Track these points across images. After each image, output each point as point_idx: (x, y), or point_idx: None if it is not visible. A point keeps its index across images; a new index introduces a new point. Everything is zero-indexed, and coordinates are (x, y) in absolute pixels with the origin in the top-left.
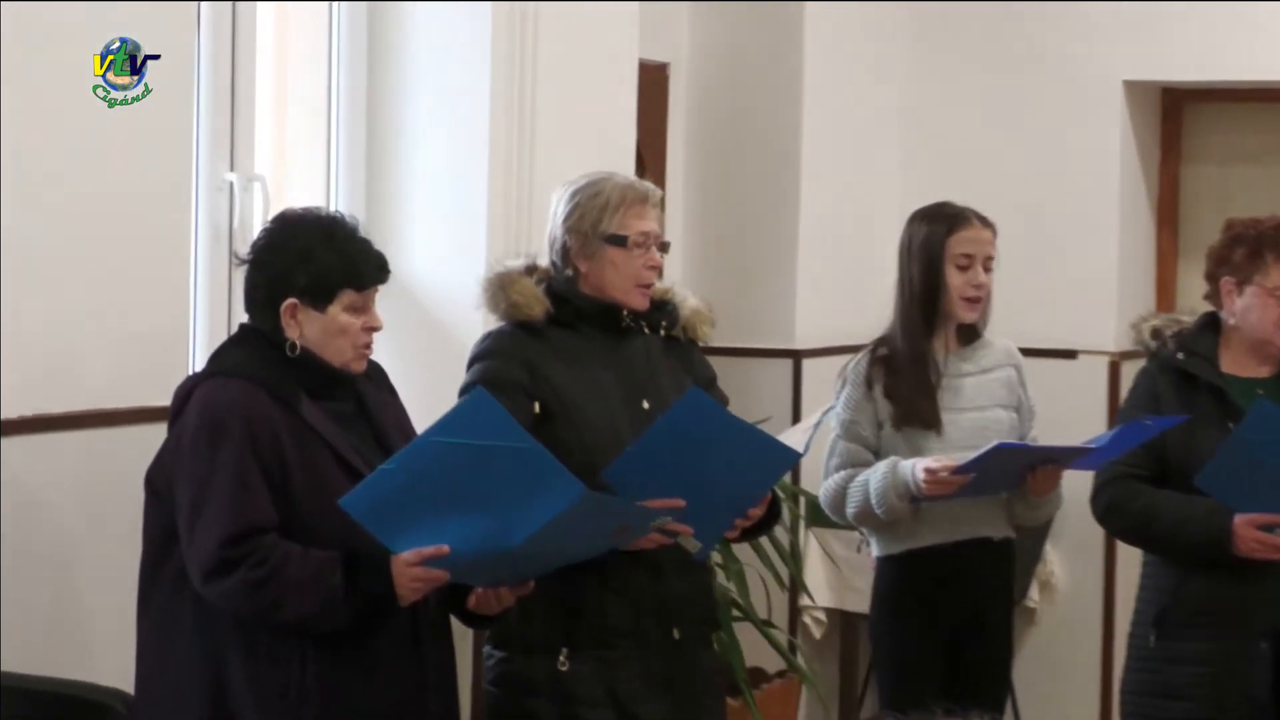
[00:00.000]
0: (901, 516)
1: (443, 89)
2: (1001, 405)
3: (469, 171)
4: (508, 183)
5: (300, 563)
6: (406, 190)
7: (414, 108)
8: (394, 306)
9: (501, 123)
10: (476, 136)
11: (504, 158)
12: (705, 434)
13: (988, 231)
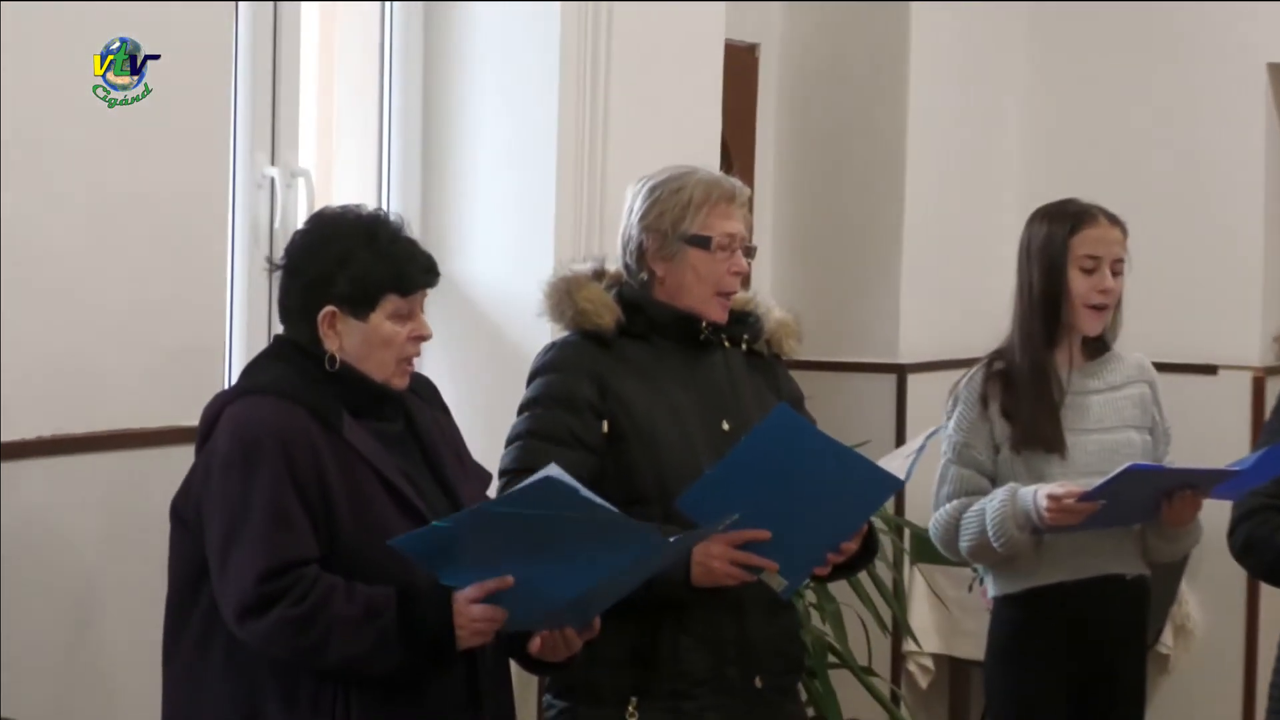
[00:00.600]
0: (1022, 551)
1: (506, 74)
2: (1133, 426)
3: (535, 165)
4: (578, 178)
5: (347, 598)
6: (466, 186)
7: (475, 94)
8: (450, 315)
9: (571, 111)
10: (543, 127)
11: (574, 150)
12: (794, 457)
13: (1116, 230)
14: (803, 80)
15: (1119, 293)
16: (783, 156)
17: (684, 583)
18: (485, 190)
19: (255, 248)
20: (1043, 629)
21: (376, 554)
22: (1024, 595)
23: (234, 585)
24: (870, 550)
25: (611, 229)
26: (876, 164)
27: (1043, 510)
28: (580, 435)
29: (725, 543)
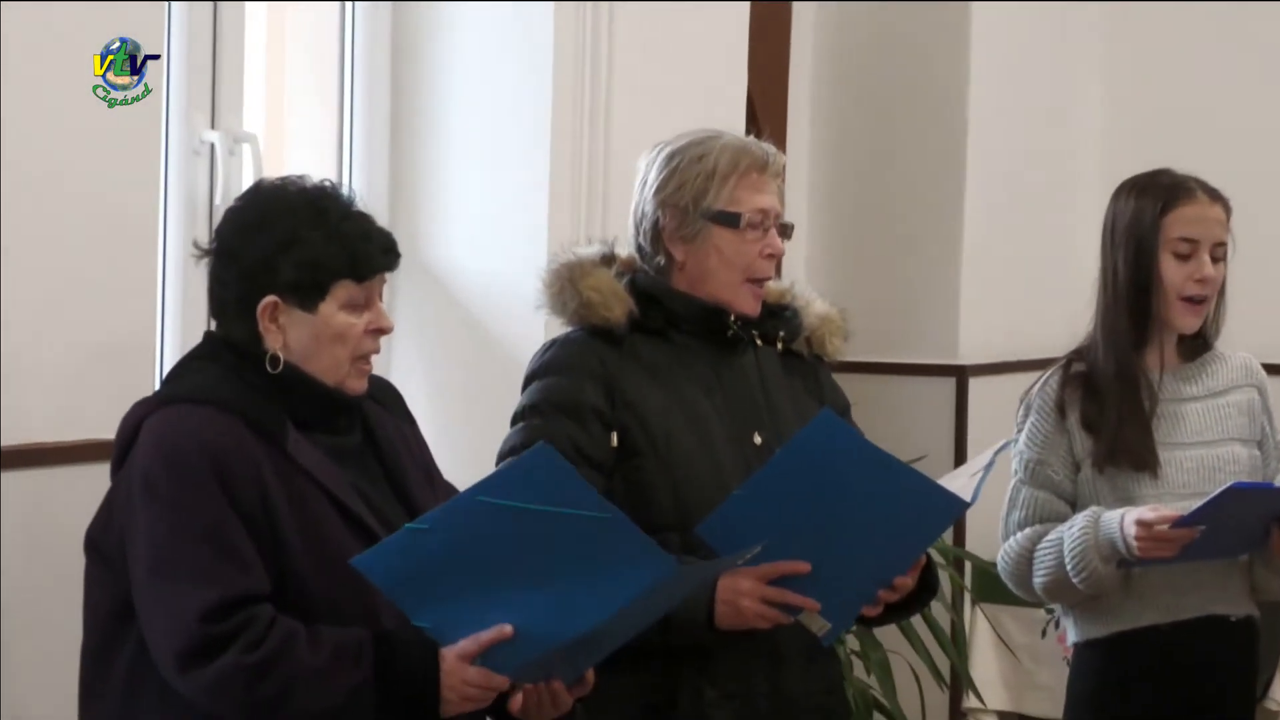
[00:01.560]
0: (1107, 587)
1: (491, 20)
2: (1237, 439)
3: (525, 131)
4: (576, 146)
5: (312, 645)
6: (443, 154)
7: (453, 46)
8: (421, 307)
9: (568, 66)
10: (536, 84)
11: (570, 113)
12: (838, 475)
13: (1218, 208)
14: (845, 34)
15: (1220, 282)
16: (820, 122)
17: (707, 625)
18: (465, 162)
19: (191, 226)
20: (1133, 680)
21: (334, 592)
22: (1110, 640)
23: (172, 627)
24: (930, 588)
25: (617, 206)
26: (931, 133)
27: (1131, 539)
28: (585, 449)
29: (756, 578)
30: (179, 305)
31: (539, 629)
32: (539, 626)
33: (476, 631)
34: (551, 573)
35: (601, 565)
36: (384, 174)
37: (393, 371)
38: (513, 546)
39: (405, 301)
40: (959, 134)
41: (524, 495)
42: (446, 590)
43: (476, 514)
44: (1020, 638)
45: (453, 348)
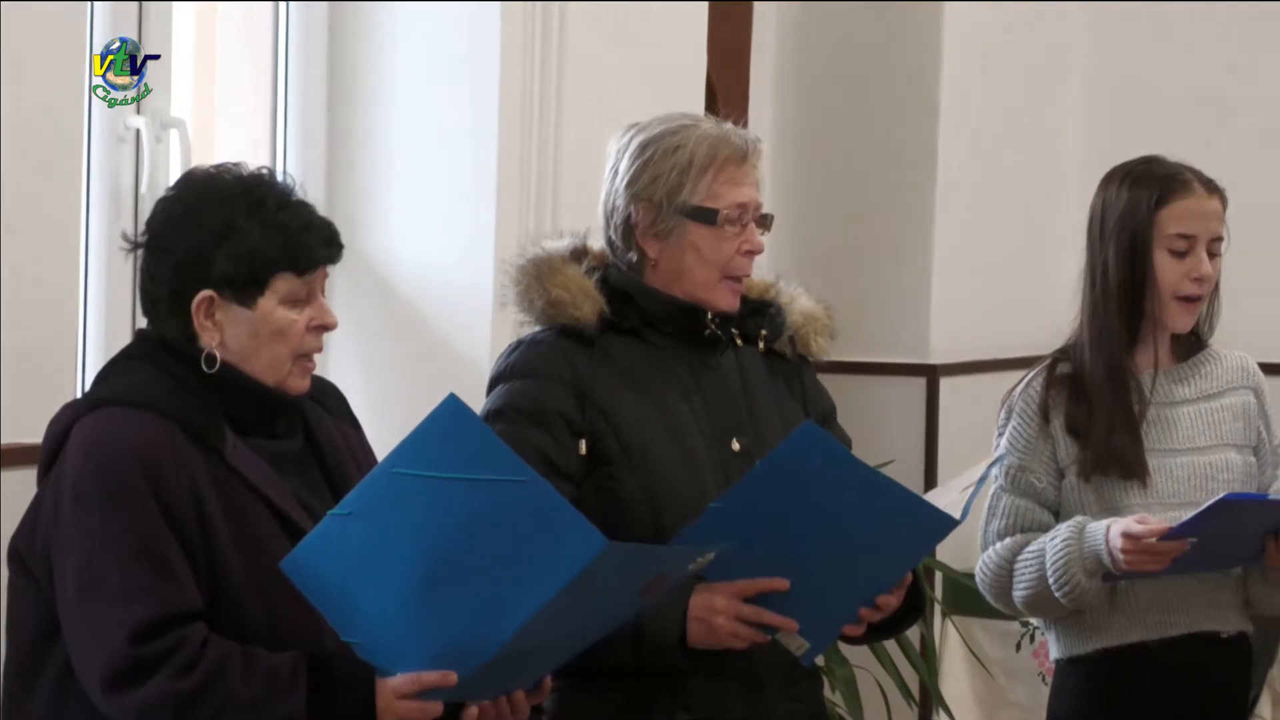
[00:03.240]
0: (1091, 602)
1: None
2: (1232, 445)
3: (472, 116)
4: (526, 133)
5: (245, 672)
6: (384, 141)
7: (396, 28)
8: (363, 304)
9: (517, 51)
10: (482, 69)
11: (520, 99)
12: (822, 488)
13: (1215, 201)
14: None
15: (1216, 278)
16: (785, 115)
17: (679, 644)
18: (407, 150)
19: (116, 218)
20: (1118, 699)
21: (273, 609)
22: (1094, 657)
23: (97, 646)
24: (917, 607)
25: (569, 197)
26: (903, 128)
27: (1117, 551)
28: (553, 458)
29: (731, 595)
30: (103, 301)
31: (475, 634)
32: (474, 631)
33: (407, 646)
34: (479, 561)
35: (528, 545)
36: (320, 161)
37: (330, 370)
38: (435, 528)
39: (344, 297)
40: (930, 129)
41: (439, 461)
42: (374, 594)
43: (395, 490)
44: (993, 652)
45: (394, 345)
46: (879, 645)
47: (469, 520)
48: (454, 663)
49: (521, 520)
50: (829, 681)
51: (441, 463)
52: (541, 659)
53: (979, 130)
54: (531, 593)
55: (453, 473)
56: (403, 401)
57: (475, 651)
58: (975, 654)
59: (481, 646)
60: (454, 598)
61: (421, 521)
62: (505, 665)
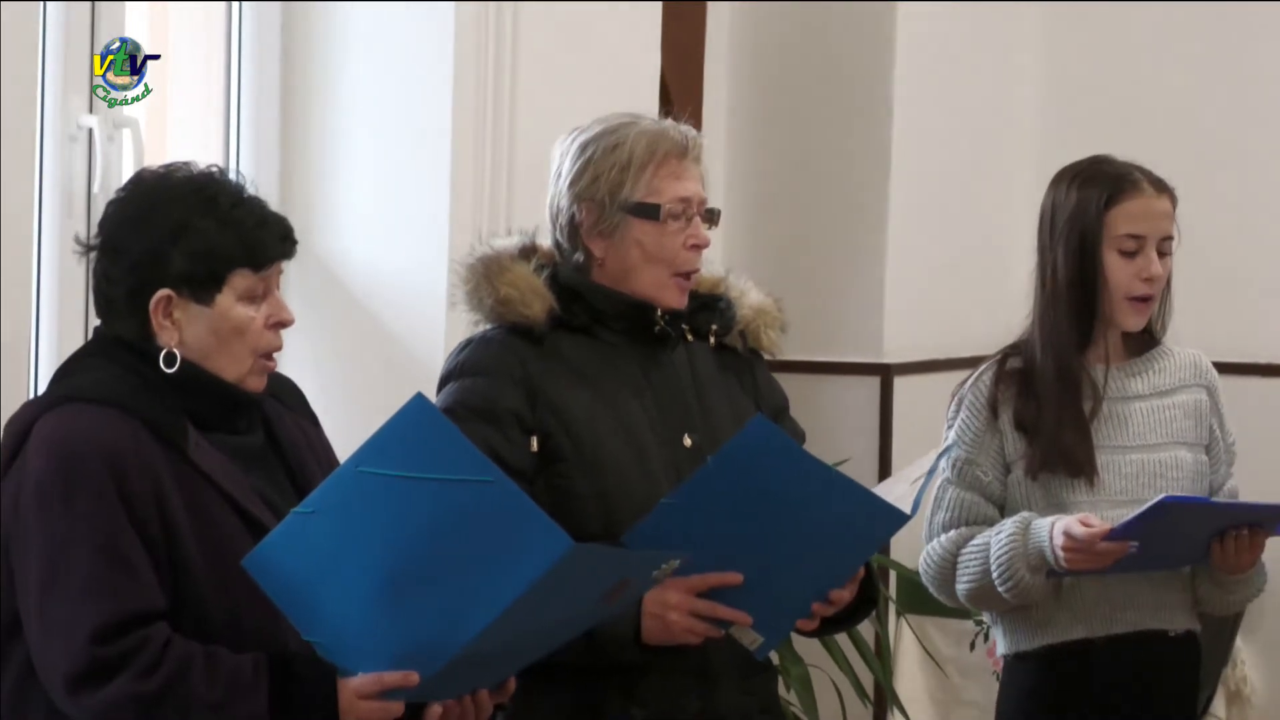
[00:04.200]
0: (1035, 598)
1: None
2: (1183, 443)
3: (426, 114)
4: (479, 131)
5: (207, 675)
6: (338, 140)
7: (349, 27)
8: (316, 299)
9: (471, 50)
10: (436, 67)
11: (474, 97)
12: (774, 483)
13: (1165, 200)
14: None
15: (1167, 277)
16: (739, 112)
17: (633, 640)
18: (361, 148)
19: (68, 218)
20: (1064, 696)
21: (236, 608)
22: (1040, 654)
23: (60, 646)
24: (870, 600)
25: (523, 195)
26: (856, 125)
27: (1059, 550)
28: (504, 455)
29: (685, 590)
30: (56, 301)
31: (439, 634)
32: (438, 632)
33: (370, 645)
34: (444, 561)
35: (493, 546)
36: (274, 161)
37: (285, 368)
38: (399, 527)
39: (297, 295)
40: (883, 128)
41: (404, 460)
42: (337, 593)
43: (360, 489)
44: (947, 650)
45: (348, 344)
46: (833, 643)
47: (434, 520)
48: (417, 663)
49: (487, 521)
50: (784, 680)
51: (407, 462)
52: (506, 660)
53: (932, 129)
54: (496, 594)
55: (418, 472)
56: (357, 400)
57: (438, 652)
58: (929, 652)
59: (445, 647)
60: (418, 598)
61: (386, 521)
62: (469, 665)
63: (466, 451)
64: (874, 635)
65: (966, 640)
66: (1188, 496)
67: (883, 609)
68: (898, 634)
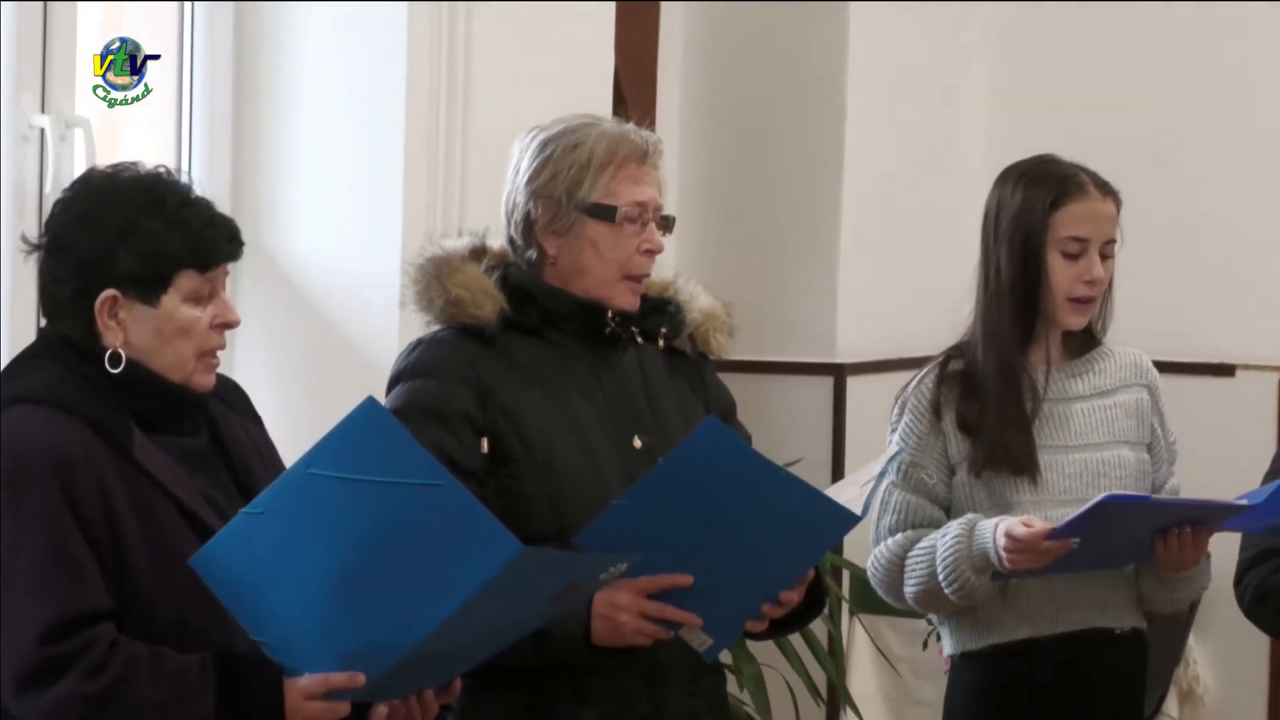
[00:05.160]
0: (981, 599)
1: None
2: (1125, 441)
3: (378, 114)
4: (433, 131)
5: (153, 675)
6: (289, 142)
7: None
8: (267, 299)
9: (424, 49)
10: (389, 67)
11: (427, 97)
12: (724, 485)
13: (1109, 203)
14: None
15: (1109, 279)
16: (692, 112)
17: (583, 642)
18: (314, 148)
19: (19, 216)
20: (1010, 695)
21: (182, 609)
22: (987, 653)
23: (8, 647)
24: (818, 602)
25: (476, 195)
26: (809, 125)
27: (1001, 551)
28: (455, 456)
29: (635, 591)
30: (9, 300)
31: (386, 636)
32: (386, 633)
33: (317, 646)
34: (393, 564)
35: (443, 549)
36: (226, 161)
37: (235, 369)
38: (348, 530)
39: (248, 295)
40: (836, 129)
41: (355, 463)
42: (285, 594)
43: (309, 491)
44: (900, 650)
45: (299, 344)
46: (787, 643)
47: (383, 523)
48: (364, 664)
49: (436, 524)
50: (737, 680)
51: (357, 465)
52: (452, 661)
53: (885, 130)
54: (444, 597)
55: (368, 475)
56: (307, 400)
57: (386, 653)
58: (882, 652)
59: (392, 648)
60: (366, 599)
61: (335, 523)
62: (416, 666)
63: (417, 455)
64: (827, 635)
65: (919, 639)
66: (1128, 495)
67: (836, 608)
68: (851, 633)
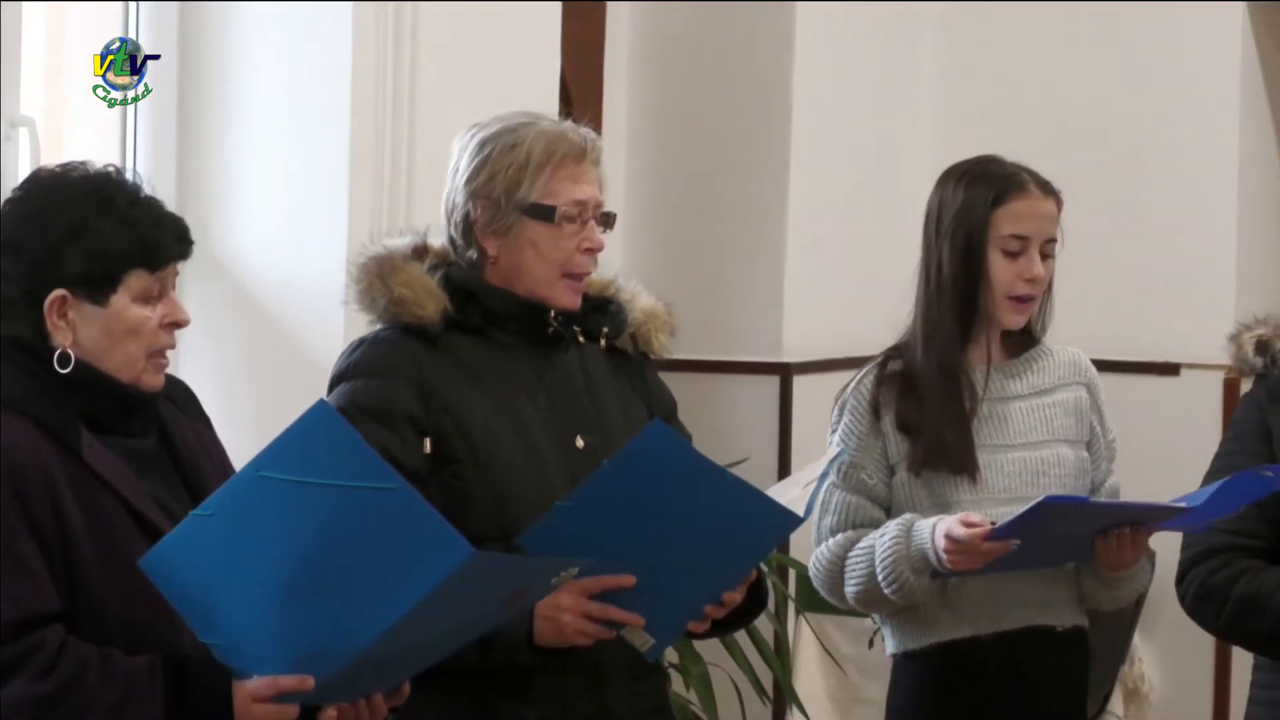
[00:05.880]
0: (921, 598)
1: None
2: (1064, 440)
3: (323, 112)
4: (379, 128)
5: (103, 677)
6: (233, 140)
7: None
8: (212, 298)
9: (369, 47)
10: (334, 65)
11: (373, 95)
12: (668, 487)
13: (1050, 203)
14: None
15: (1049, 278)
16: (638, 110)
17: (526, 643)
18: (259, 147)
19: None
20: (953, 693)
21: (131, 611)
22: (928, 652)
23: None
24: (759, 603)
25: (422, 193)
26: (756, 124)
27: (941, 551)
28: (397, 456)
29: (577, 592)
30: None
31: (336, 639)
32: (336, 636)
33: (267, 649)
34: (343, 567)
35: (393, 553)
36: (171, 160)
37: (181, 369)
38: (299, 533)
39: (195, 296)
40: (782, 128)
41: (305, 466)
42: (235, 596)
43: (259, 493)
44: (846, 649)
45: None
46: (732, 642)
47: (334, 525)
48: (314, 666)
49: (387, 527)
50: (683, 679)
51: (307, 467)
52: (402, 664)
53: (831, 129)
54: (395, 600)
55: (319, 478)
56: (254, 400)
57: (335, 656)
58: (828, 650)
59: (342, 651)
60: (316, 602)
61: (285, 525)
62: (365, 669)
63: (368, 458)
64: (773, 634)
65: (865, 638)
66: (1069, 496)
67: (782, 607)
68: (797, 632)
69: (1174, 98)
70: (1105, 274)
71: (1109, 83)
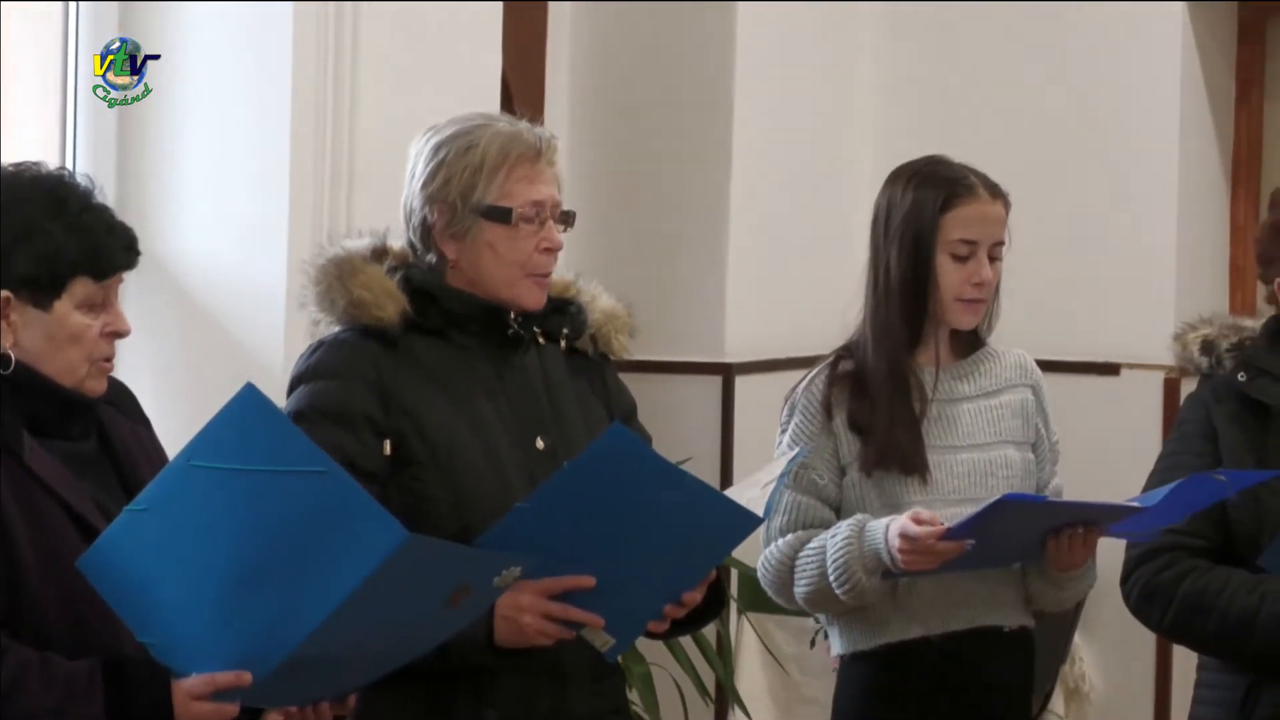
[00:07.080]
0: (872, 599)
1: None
2: (1011, 441)
3: (264, 111)
4: (319, 129)
5: (43, 681)
6: (176, 138)
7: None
8: (152, 300)
9: (310, 48)
10: (274, 66)
11: (314, 96)
12: (628, 489)
13: (999, 206)
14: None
15: (997, 281)
16: (580, 107)
17: (486, 642)
18: (199, 146)
19: None
20: (900, 695)
21: (72, 615)
22: (877, 653)
23: None
24: (718, 602)
25: (364, 193)
26: (697, 124)
27: (895, 551)
28: (356, 459)
29: (537, 592)
30: None
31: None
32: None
33: (205, 646)
34: (278, 556)
35: (327, 539)
36: (110, 160)
37: (121, 372)
38: (231, 523)
39: (135, 297)
40: (724, 128)
41: (235, 452)
42: (171, 592)
43: (191, 484)
44: (788, 648)
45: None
46: (675, 642)
47: (266, 514)
48: (252, 663)
49: (320, 512)
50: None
51: (238, 454)
52: (350, 671)
53: (773, 129)
54: (330, 589)
55: (250, 464)
56: (194, 402)
57: (273, 651)
58: (770, 650)
59: (279, 646)
60: (253, 594)
61: (218, 515)
62: (309, 670)
63: (298, 442)
64: (716, 634)
65: (807, 638)
66: (1027, 495)
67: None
68: (739, 632)
69: (1114, 97)
70: (1045, 273)
71: (1048, 82)
